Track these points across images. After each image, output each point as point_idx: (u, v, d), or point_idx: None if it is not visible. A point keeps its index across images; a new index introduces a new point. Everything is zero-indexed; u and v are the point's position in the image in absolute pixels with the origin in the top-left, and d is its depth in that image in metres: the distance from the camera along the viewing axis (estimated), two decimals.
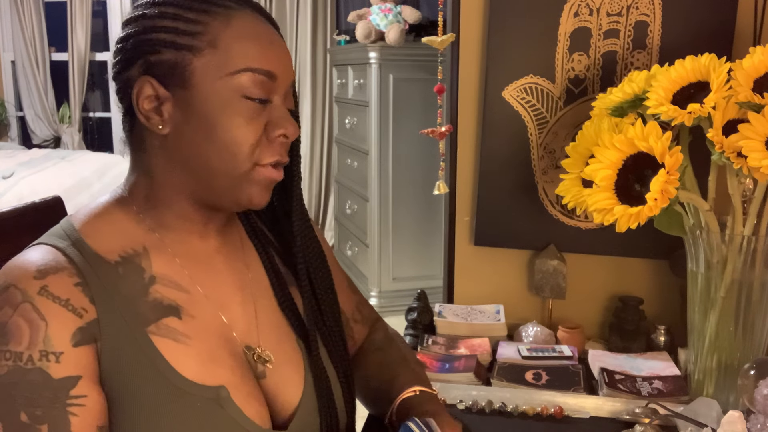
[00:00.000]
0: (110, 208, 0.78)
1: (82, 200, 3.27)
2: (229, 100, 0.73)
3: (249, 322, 0.82)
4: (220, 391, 0.74)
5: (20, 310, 0.67)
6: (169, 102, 0.73)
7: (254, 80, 0.73)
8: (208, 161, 0.74)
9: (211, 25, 0.73)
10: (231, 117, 0.73)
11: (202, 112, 0.73)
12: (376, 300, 3.46)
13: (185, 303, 0.77)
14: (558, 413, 1.05)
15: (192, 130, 0.74)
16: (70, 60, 4.72)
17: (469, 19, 1.35)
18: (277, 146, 0.77)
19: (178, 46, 0.72)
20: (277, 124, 0.76)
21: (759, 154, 0.91)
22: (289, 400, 0.81)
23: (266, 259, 0.88)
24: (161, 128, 0.74)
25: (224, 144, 0.73)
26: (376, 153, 3.35)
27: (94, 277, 0.71)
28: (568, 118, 1.31)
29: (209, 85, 0.73)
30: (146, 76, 0.73)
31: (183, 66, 0.72)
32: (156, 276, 0.76)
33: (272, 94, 0.76)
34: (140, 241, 0.77)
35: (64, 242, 0.73)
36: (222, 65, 0.73)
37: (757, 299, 1.03)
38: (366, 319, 1.01)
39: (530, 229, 1.36)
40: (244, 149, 0.74)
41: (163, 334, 0.73)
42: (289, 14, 4.38)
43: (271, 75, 0.75)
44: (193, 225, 0.79)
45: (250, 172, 0.75)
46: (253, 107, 0.74)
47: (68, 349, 0.68)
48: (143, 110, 0.74)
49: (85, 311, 0.69)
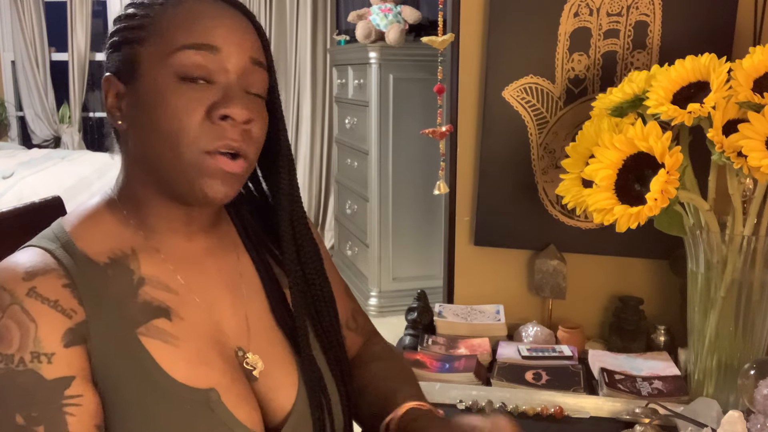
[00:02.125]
0: (100, 209, 0.78)
1: (82, 200, 3.25)
2: (167, 84, 0.71)
3: (239, 324, 0.81)
4: (210, 393, 0.73)
5: (9, 312, 0.66)
6: (126, 96, 0.74)
7: (192, 58, 0.71)
8: (155, 152, 0.72)
9: (158, 13, 0.73)
10: (170, 101, 0.70)
11: (146, 101, 0.72)
12: (376, 300, 3.46)
13: (174, 304, 0.76)
14: (558, 413, 1.05)
15: (141, 121, 0.73)
16: (70, 60, 4.72)
17: (469, 19, 1.35)
18: (224, 130, 0.71)
19: (130, 41, 0.74)
20: (220, 103, 0.71)
21: (759, 153, 0.91)
22: (282, 404, 0.80)
23: (258, 259, 0.87)
24: (120, 123, 0.75)
25: (166, 132, 0.70)
26: (376, 153, 3.35)
27: (83, 279, 0.71)
28: (568, 118, 1.31)
29: (151, 72, 0.72)
30: (109, 74, 0.75)
31: (132, 58, 0.73)
32: (145, 277, 0.75)
33: (218, 74, 0.72)
34: (128, 243, 0.76)
35: (54, 244, 0.73)
36: (161, 48, 0.72)
37: (757, 299, 1.03)
38: (360, 329, 0.99)
39: (530, 229, 1.36)
40: (186, 135, 0.70)
41: (152, 336, 0.72)
42: (289, 14, 4.38)
43: (211, 47, 0.71)
44: (176, 225, 0.78)
45: (198, 162, 0.71)
46: (192, 89, 0.71)
47: (59, 349, 0.67)
48: (109, 107, 0.75)
49: (74, 312, 0.69)
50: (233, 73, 0.73)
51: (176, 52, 0.71)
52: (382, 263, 3.46)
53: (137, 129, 0.74)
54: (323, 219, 4.54)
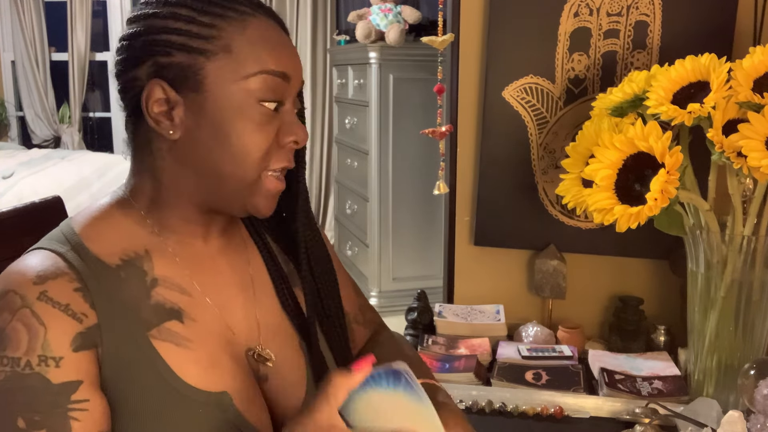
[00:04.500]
0: (111, 210, 0.77)
1: (82, 200, 3.27)
2: (242, 105, 0.72)
3: (250, 324, 0.82)
4: (222, 397, 0.73)
5: (19, 315, 0.66)
6: (181, 106, 0.72)
7: (268, 83, 0.73)
8: (219, 167, 0.73)
9: (225, 29, 0.72)
10: (244, 122, 0.72)
11: (215, 117, 0.72)
12: (376, 300, 3.46)
13: (187, 306, 0.76)
14: (558, 413, 1.05)
15: (204, 135, 0.73)
16: (70, 60, 4.72)
17: (469, 19, 1.35)
18: (286, 153, 0.76)
19: (191, 50, 0.71)
20: (288, 130, 0.75)
21: (759, 153, 0.91)
22: (291, 405, 0.80)
23: (269, 259, 0.88)
24: (172, 133, 0.73)
25: (236, 150, 0.73)
26: (376, 153, 3.35)
27: (95, 282, 0.71)
28: (568, 118, 1.31)
29: (222, 90, 0.72)
30: (157, 79, 0.71)
31: (196, 70, 0.71)
32: (158, 278, 0.75)
33: (285, 98, 0.75)
34: (141, 244, 0.76)
35: (64, 247, 0.72)
36: (236, 69, 0.72)
37: (757, 299, 1.03)
38: (368, 323, 1.00)
39: (530, 229, 1.36)
40: (256, 156, 0.73)
41: (164, 338, 0.72)
42: (289, 14, 4.38)
43: (286, 76, 0.74)
44: (196, 227, 0.79)
45: (258, 180, 0.74)
46: (265, 112, 0.73)
47: (68, 354, 0.67)
48: (153, 114, 0.72)
49: (85, 316, 0.69)
50: (293, 97, 0.77)
51: (255, 75, 0.72)
52: (382, 263, 3.46)
53: (196, 141, 0.73)
54: (323, 219, 4.55)
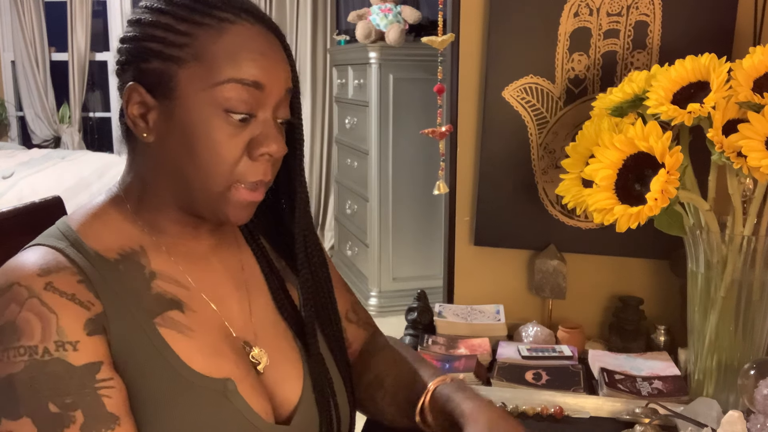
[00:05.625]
0: (106, 208, 0.79)
1: (82, 200, 3.26)
2: (210, 115, 0.72)
3: (245, 319, 0.83)
4: (227, 383, 0.74)
5: (27, 305, 0.67)
6: (155, 111, 0.73)
7: (238, 92, 0.72)
8: (187, 175, 0.74)
9: (199, 37, 0.72)
10: (211, 132, 0.72)
11: (184, 125, 0.72)
12: (376, 300, 3.46)
13: (185, 298, 0.77)
14: (558, 413, 1.05)
15: (173, 141, 0.73)
16: (70, 60, 4.72)
17: (469, 19, 1.35)
18: (261, 165, 0.75)
19: (166, 57, 0.72)
20: (260, 141, 0.74)
21: (759, 153, 0.91)
22: (288, 397, 0.82)
23: (261, 256, 0.89)
24: (146, 136, 0.74)
25: (203, 160, 0.72)
26: (376, 153, 3.35)
27: (96, 275, 0.72)
28: (568, 118, 1.31)
29: (192, 98, 0.72)
30: (135, 83, 0.73)
31: (169, 76, 0.72)
32: (156, 272, 0.76)
33: (258, 108, 0.74)
34: (137, 240, 0.77)
35: (63, 243, 0.73)
36: (205, 77, 0.71)
37: (757, 299, 1.03)
38: (361, 321, 1.01)
39: (530, 229, 1.36)
40: (223, 168, 0.73)
41: (168, 326, 0.74)
42: (289, 14, 4.39)
43: (258, 85, 0.73)
44: (185, 228, 0.80)
45: (227, 192, 0.74)
46: (234, 123, 0.72)
47: (83, 337, 0.68)
48: (131, 115, 0.74)
49: (91, 304, 0.70)
50: (270, 107, 0.75)
51: (223, 84, 0.71)
52: (382, 263, 3.46)
53: (167, 147, 0.74)
54: (323, 219, 4.54)
